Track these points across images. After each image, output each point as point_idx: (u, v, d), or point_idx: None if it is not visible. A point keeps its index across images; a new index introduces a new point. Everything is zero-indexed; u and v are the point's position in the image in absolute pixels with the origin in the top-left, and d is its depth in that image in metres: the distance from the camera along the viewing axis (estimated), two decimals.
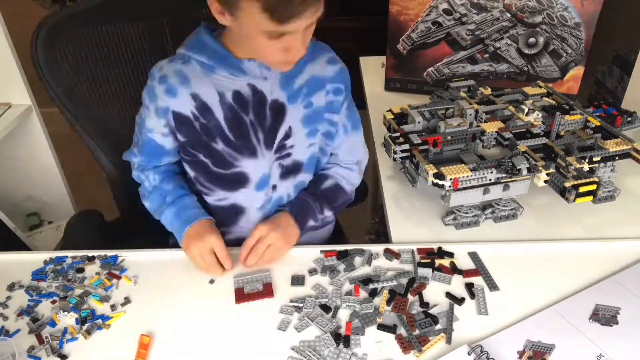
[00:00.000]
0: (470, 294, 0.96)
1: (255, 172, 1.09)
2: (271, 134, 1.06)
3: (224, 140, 1.05)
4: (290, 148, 1.09)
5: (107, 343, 0.91)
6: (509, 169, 1.05)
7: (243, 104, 1.03)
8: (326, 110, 1.10)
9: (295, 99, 1.06)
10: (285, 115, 1.06)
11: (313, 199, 1.13)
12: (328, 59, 1.09)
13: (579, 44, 1.47)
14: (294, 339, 0.90)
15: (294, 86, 1.05)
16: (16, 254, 1.12)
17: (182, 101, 1.01)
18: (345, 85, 1.11)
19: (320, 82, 1.07)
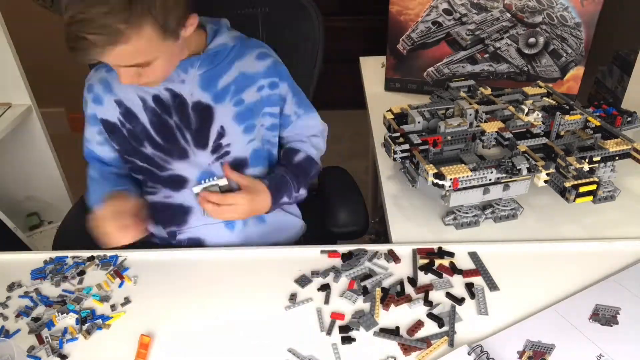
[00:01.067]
0: (470, 294, 0.96)
1: (192, 172, 1.11)
2: (201, 135, 1.08)
3: (152, 144, 1.08)
4: (227, 146, 1.11)
5: (107, 343, 0.91)
6: (509, 169, 1.05)
7: (165, 108, 1.06)
8: (265, 104, 1.11)
9: (222, 98, 1.07)
10: (213, 115, 1.07)
11: (291, 176, 1.14)
12: (257, 55, 1.10)
13: (579, 44, 1.47)
14: (294, 339, 0.90)
15: (218, 86, 1.07)
16: (16, 254, 1.12)
17: (107, 108, 1.07)
18: (280, 77, 1.12)
19: (250, 79, 1.09)
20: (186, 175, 1.12)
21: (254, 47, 1.11)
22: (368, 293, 0.97)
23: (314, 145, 1.22)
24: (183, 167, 1.11)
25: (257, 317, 0.94)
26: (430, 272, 1.01)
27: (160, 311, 0.96)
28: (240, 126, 1.10)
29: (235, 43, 1.09)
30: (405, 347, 0.87)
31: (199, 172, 1.11)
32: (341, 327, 0.91)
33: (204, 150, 1.10)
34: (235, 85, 1.08)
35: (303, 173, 1.17)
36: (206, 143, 1.10)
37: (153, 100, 1.06)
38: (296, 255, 1.07)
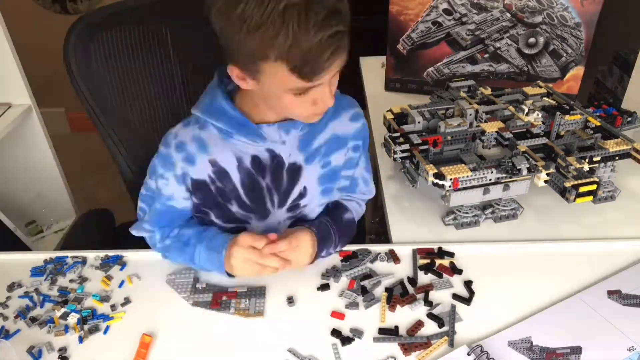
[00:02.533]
0: (470, 293, 0.96)
1: (258, 229, 1.06)
2: (285, 195, 1.04)
3: (239, 203, 1.03)
4: (304, 207, 1.07)
5: (107, 343, 0.91)
6: (509, 169, 1.05)
7: (261, 169, 1.00)
8: (345, 167, 1.07)
9: (312, 159, 1.02)
10: (300, 175, 1.03)
11: (334, 232, 1.06)
12: (352, 116, 1.05)
13: (579, 44, 1.47)
14: (294, 339, 0.90)
15: (313, 146, 1.02)
16: (16, 254, 1.12)
17: (200, 167, 0.98)
18: (363, 141, 1.08)
19: (341, 141, 1.04)
20: (253, 229, 1.07)
21: (348, 106, 1.06)
22: (367, 293, 0.97)
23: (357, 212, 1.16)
24: (258, 225, 1.07)
25: (257, 316, 0.94)
26: (431, 272, 1.01)
27: (160, 311, 0.96)
28: (320, 187, 1.06)
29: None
30: (405, 347, 0.87)
31: (264, 227, 1.07)
32: (338, 332, 0.91)
33: (280, 208, 1.06)
34: (327, 146, 1.03)
35: (345, 232, 1.09)
36: (285, 201, 1.05)
37: (250, 160, 0.99)
38: None
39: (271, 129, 0.95)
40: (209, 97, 0.96)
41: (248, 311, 0.95)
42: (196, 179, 0.99)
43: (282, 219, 1.07)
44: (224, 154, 0.97)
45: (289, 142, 0.98)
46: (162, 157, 0.99)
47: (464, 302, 0.95)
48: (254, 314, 0.94)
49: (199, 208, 1.04)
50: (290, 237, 0.96)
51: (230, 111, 0.94)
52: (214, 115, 0.95)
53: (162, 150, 0.99)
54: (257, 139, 0.96)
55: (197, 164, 0.97)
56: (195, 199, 1.02)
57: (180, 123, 1.00)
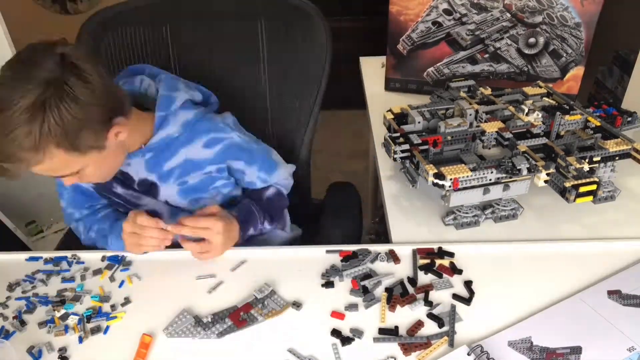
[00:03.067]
0: (470, 293, 0.96)
1: (162, 206, 1.16)
2: (152, 195, 1.14)
3: (121, 184, 1.14)
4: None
5: (107, 343, 0.91)
6: (509, 169, 1.05)
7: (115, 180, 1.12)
8: (214, 181, 1.15)
9: (166, 179, 1.11)
10: (158, 190, 1.13)
11: (258, 209, 1.16)
12: (205, 142, 1.11)
13: (579, 44, 1.47)
14: (294, 339, 0.90)
15: (163, 168, 1.10)
16: (16, 254, 1.12)
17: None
18: (232, 159, 1.14)
19: (196, 165, 1.11)
20: (160, 211, 1.17)
21: (205, 132, 1.10)
22: (368, 292, 0.97)
23: (281, 185, 1.24)
24: (151, 202, 1.16)
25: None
26: (431, 272, 1.01)
27: (161, 311, 0.96)
28: (185, 200, 1.15)
29: (182, 132, 1.08)
30: (405, 347, 0.87)
31: (169, 207, 1.16)
32: (338, 332, 0.91)
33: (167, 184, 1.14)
34: (180, 169, 1.11)
35: (271, 206, 1.19)
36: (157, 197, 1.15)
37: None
38: (298, 255, 1.08)
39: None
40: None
41: (275, 309, 0.95)
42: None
43: (174, 191, 1.14)
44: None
45: (133, 164, 1.10)
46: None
47: (464, 302, 0.95)
48: (282, 309, 0.95)
49: (100, 193, 1.18)
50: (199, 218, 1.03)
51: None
52: None
53: None
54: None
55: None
56: (91, 187, 1.17)
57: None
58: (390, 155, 1.14)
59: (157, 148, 1.09)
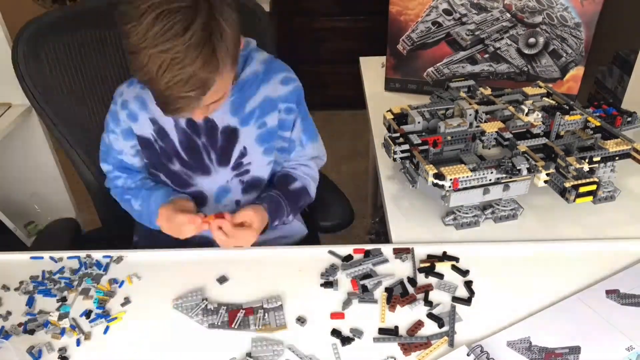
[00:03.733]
0: (470, 293, 0.96)
1: (211, 188, 1.16)
2: (225, 154, 1.12)
3: (180, 161, 1.13)
4: (248, 165, 1.15)
5: (107, 343, 0.91)
6: (509, 169, 1.05)
7: (196, 129, 1.10)
8: (280, 128, 1.14)
9: (247, 122, 1.11)
10: (238, 137, 1.12)
11: (285, 201, 1.16)
12: (281, 79, 1.12)
13: (579, 44, 1.47)
14: (295, 339, 0.90)
15: (246, 110, 1.10)
16: (16, 254, 1.12)
17: (142, 125, 1.10)
18: (297, 103, 1.15)
19: (273, 103, 1.11)
20: (206, 192, 1.16)
21: (279, 70, 1.13)
22: (367, 292, 0.98)
23: (310, 176, 1.23)
24: (203, 183, 1.15)
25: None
26: (431, 274, 1.01)
27: (161, 311, 0.96)
28: (261, 147, 1.14)
29: (264, 68, 1.11)
30: (405, 347, 0.87)
31: (217, 188, 1.16)
32: (338, 332, 0.91)
33: (225, 167, 1.14)
34: (260, 109, 1.11)
35: (296, 201, 1.19)
36: (228, 161, 1.14)
37: (186, 121, 1.09)
38: (300, 255, 1.08)
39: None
40: None
41: (270, 325, 0.93)
42: (141, 135, 1.11)
43: (228, 178, 1.15)
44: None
45: (220, 108, 1.05)
46: (111, 113, 1.12)
47: (464, 303, 0.95)
48: (277, 328, 0.92)
49: (150, 170, 1.18)
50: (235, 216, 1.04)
51: None
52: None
53: (112, 107, 1.12)
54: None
55: (139, 120, 1.10)
56: (145, 158, 1.15)
57: (125, 82, 1.12)
58: (390, 156, 1.14)
59: (243, 86, 1.08)
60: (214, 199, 1.17)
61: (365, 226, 2.13)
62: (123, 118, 1.10)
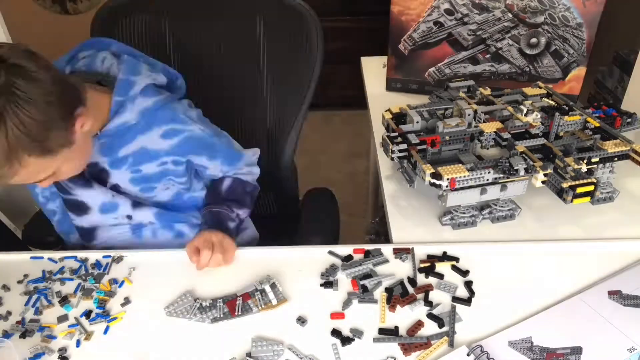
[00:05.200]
0: (470, 293, 0.97)
1: (94, 200, 1.11)
2: (99, 181, 1.10)
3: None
4: (128, 195, 1.12)
5: (107, 343, 0.92)
6: (507, 169, 1.05)
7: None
8: (168, 174, 1.12)
9: (118, 166, 1.08)
10: (108, 176, 1.09)
11: (218, 206, 1.14)
12: (163, 133, 1.07)
13: (581, 45, 1.47)
14: (295, 339, 0.90)
15: (118, 154, 1.07)
16: (16, 254, 1.12)
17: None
18: (189, 154, 1.11)
19: (151, 155, 1.08)
20: (88, 203, 1.12)
21: (164, 122, 1.06)
22: (367, 292, 0.98)
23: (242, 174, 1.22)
24: (84, 194, 1.11)
25: (258, 315, 0.95)
26: (432, 274, 1.01)
27: (161, 311, 0.96)
28: (136, 187, 1.12)
29: (139, 120, 1.04)
30: (405, 347, 0.87)
31: (100, 202, 1.12)
32: (338, 332, 0.91)
33: (103, 186, 1.11)
34: (134, 157, 1.07)
35: (234, 195, 1.17)
36: (105, 185, 1.11)
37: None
38: (300, 255, 1.08)
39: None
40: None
41: (271, 303, 0.95)
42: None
43: (110, 196, 1.11)
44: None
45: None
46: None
47: (464, 303, 0.95)
48: (279, 303, 0.95)
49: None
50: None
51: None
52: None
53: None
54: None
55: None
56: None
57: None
58: (388, 155, 1.14)
59: (113, 135, 1.04)
60: (99, 210, 1.13)
61: (365, 226, 2.13)
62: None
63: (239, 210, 1.17)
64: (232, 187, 1.18)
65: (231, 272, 1.04)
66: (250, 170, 1.23)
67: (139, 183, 1.11)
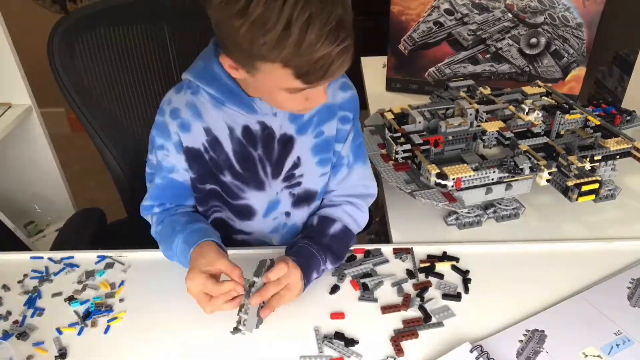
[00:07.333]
0: (465, 289, 0.97)
1: (261, 203, 1.05)
2: (278, 165, 1.03)
3: (232, 173, 1.02)
4: (300, 177, 1.05)
5: (106, 342, 0.91)
6: (512, 169, 1.05)
7: (252, 140, 0.99)
8: (336, 139, 1.05)
9: (305, 130, 1.01)
10: (293, 146, 1.02)
11: (318, 250, 1.01)
12: (340, 85, 1.03)
13: (581, 45, 1.47)
14: (295, 338, 0.90)
15: (304, 117, 1.01)
16: (16, 254, 1.11)
17: (195, 135, 0.97)
18: (354, 113, 1.06)
19: (331, 110, 1.02)
20: (255, 207, 1.06)
21: (340, 76, 1.01)
22: (368, 290, 0.98)
23: (351, 216, 1.08)
24: (255, 197, 1.05)
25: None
26: (431, 274, 1.01)
27: (161, 311, 0.96)
28: (316, 157, 1.04)
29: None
30: (398, 348, 0.87)
31: (267, 202, 1.06)
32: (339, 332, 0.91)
33: (276, 179, 1.04)
34: (318, 116, 1.01)
35: (335, 246, 1.04)
36: (280, 172, 1.03)
37: (242, 131, 0.98)
38: None
39: (264, 102, 0.94)
40: (202, 63, 0.95)
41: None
42: (191, 147, 0.98)
43: (278, 189, 1.05)
44: (216, 121, 0.96)
45: (280, 114, 0.98)
46: (159, 126, 0.98)
47: (454, 299, 0.95)
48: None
49: (195, 185, 1.02)
50: (279, 278, 0.90)
51: (223, 79, 0.92)
52: (206, 80, 0.94)
53: (159, 119, 0.98)
54: (249, 110, 0.95)
55: (192, 131, 0.96)
56: (192, 172, 1.01)
57: (172, 89, 0.98)
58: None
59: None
60: (263, 213, 1.07)
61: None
62: (174, 129, 0.96)
63: (330, 264, 1.02)
64: (339, 236, 1.05)
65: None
66: (359, 215, 1.10)
67: (319, 151, 1.03)
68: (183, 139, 0.97)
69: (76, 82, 1.22)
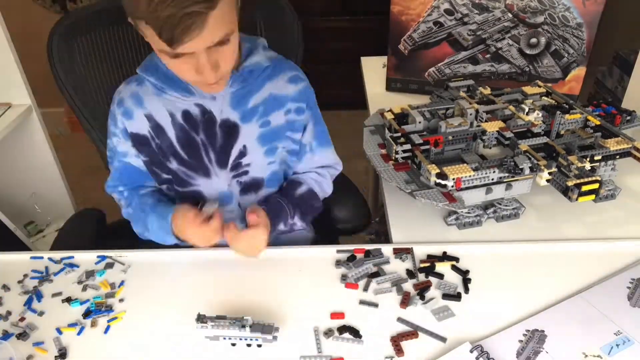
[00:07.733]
0: (465, 289, 0.97)
1: (210, 191, 1.11)
2: (224, 153, 1.07)
3: (177, 159, 1.08)
4: (247, 166, 1.10)
5: (106, 343, 0.91)
6: (512, 169, 1.05)
7: (193, 124, 1.05)
8: (287, 128, 1.10)
9: (249, 118, 1.06)
10: (238, 134, 1.06)
11: (287, 202, 1.11)
12: (290, 78, 1.09)
13: (581, 45, 1.47)
14: (295, 338, 0.90)
15: (248, 105, 1.06)
16: (16, 254, 1.11)
17: (137, 122, 1.06)
18: (308, 104, 1.11)
19: (279, 101, 1.08)
20: (203, 192, 1.12)
21: (288, 69, 1.10)
22: (368, 292, 0.97)
23: (317, 182, 1.18)
24: (204, 184, 1.11)
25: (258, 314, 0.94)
26: (431, 274, 1.01)
27: (161, 311, 0.96)
28: (262, 147, 1.09)
29: (270, 63, 1.07)
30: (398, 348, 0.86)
31: (216, 192, 1.11)
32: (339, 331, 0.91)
33: (224, 169, 1.09)
34: (264, 106, 1.07)
35: (303, 204, 1.13)
36: (227, 161, 1.08)
37: (182, 115, 1.05)
38: (300, 255, 1.07)
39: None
40: (149, 55, 1.04)
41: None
42: (136, 133, 1.07)
43: (228, 181, 1.10)
44: (158, 109, 1.04)
45: (219, 98, 1.03)
46: (110, 115, 1.09)
47: (454, 299, 0.95)
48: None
49: (150, 167, 1.11)
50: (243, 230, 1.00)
51: (162, 67, 1.00)
52: (148, 71, 1.03)
53: (110, 109, 1.09)
54: (186, 94, 1.02)
55: (134, 118, 1.06)
56: (142, 156, 1.10)
57: (124, 82, 1.08)
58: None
59: (247, 77, 1.04)
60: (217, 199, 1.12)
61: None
62: (119, 117, 1.06)
63: (299, 220, 1.13)
64: (305, 197, 1.14)
65: (231, 273, 1.03)
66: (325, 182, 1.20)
67: (266, 140, 1.08)
68: (127, 126, 1.06)
69: (76, 82, 1.22)
